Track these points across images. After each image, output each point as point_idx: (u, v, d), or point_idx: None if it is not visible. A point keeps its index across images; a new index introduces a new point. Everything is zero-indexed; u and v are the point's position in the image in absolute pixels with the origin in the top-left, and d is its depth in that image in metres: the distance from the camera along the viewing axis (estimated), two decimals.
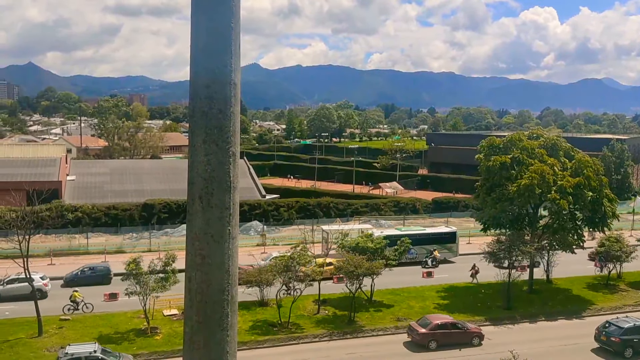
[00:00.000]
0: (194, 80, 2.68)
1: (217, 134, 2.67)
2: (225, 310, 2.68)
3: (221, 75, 2.65)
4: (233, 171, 2.72)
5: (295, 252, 33.26)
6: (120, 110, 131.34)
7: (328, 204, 62.74)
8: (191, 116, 2.71)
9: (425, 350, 29.56)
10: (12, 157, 64.12)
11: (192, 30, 2.65)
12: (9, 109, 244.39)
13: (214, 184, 2.67)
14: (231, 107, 2.69)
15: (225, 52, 2.64)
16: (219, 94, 2.66)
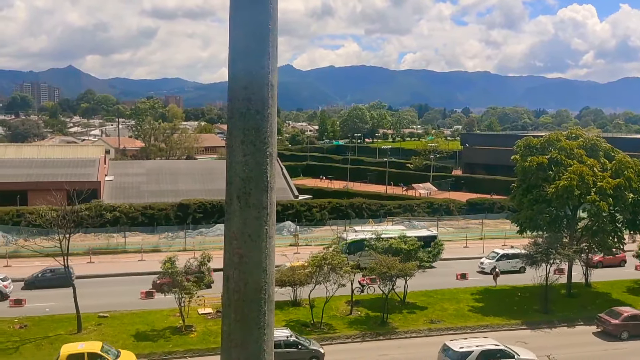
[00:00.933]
0: (231, 82, 2.72)
1: (254, 135, 2.70)
2: (263, 309, 2.71)
3: (258, 77, 2.68)
4: (270, 171, 2.75)
5: (328, 253, 33.30)
6: (156, 112, 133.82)
7: (360, 204, 62.56)
8: (229, 117, 2.75)
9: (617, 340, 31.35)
10: (53, 158, 66.05)
11: (230, 32, 2.69)
12: (50, 111, 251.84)
13: (252, 184, 2.71)
14: (268, 109, 2.72)
15: (263, 53, 2.67)
16: (256, 95, 2.69)
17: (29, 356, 27.11)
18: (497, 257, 44.79)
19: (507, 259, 44.46)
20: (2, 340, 28.53)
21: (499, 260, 44.36)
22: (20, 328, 30.06)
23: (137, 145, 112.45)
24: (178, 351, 28.37)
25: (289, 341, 27.35)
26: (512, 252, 45.09)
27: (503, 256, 44.82)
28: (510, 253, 45.00)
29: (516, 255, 44.04)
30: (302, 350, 27.41)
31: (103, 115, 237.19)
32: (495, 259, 44.55)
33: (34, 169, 61.79)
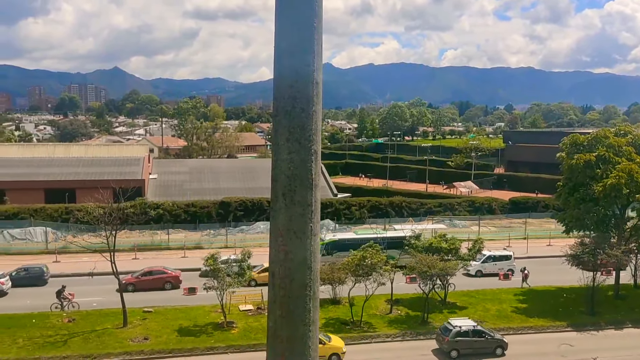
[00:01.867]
0: (277, 80, 2.75)
1: (299, 133, 2.72)
2: (308, 305, 2.73)
3: (304, 75, 2.70)
4: (315, 169, 2.76)
5: (367, 252, 33.19)
6: (198, 112, 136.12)
7: (400, 203, 62.10)
8: (275, 115, 2.77)
9: None
10: (100, 157, 68.04)
11: (276, 31, 2.72)
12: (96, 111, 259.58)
13: (297, 182, 2.73)
14: (313, 106, 2.74)
15: (308, 51, 2.69)
16: (301, 93, 2.70)
17: (77, 349, 28.01)
18: (483, 258, 41.87)
19: (493, 261, 42.47)
20: (51, 333, 29.57)
21: (485, 262, 42.14)
22: (69, 322, 31.09)
23: (180, 144, 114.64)
24: (220, 346, 28.81)
25: (476, 330, 29.15)
26: (501, 253, 43.17)
27: (489, 258, 42.27)
28: (497, 255, 42.97)
29: (505, 257, 42.69)
30: (488, 340, 29.17)
31: (147, 115, 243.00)
32: (481, 261, 41.73)
33: (81, 168, 63.82)
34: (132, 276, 37.74)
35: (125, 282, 36.27)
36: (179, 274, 38.81)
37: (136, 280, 37.53)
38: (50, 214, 53.41)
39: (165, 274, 38.44)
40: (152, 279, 37.83)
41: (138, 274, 38.26)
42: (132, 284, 36.99)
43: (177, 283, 38.20)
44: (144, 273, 38.23)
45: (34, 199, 56.57)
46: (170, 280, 38.22)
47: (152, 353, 28.04)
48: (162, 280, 38.09)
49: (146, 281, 37.62)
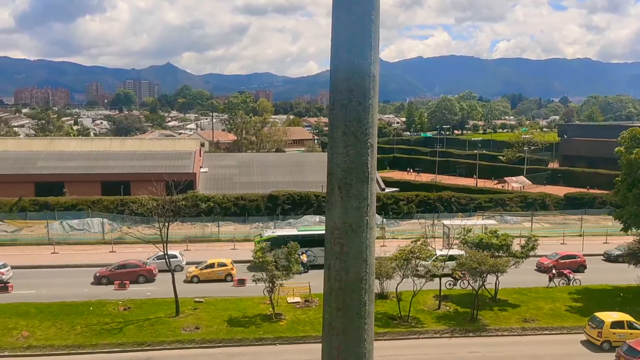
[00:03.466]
0: (334, 73, 2.75)
1: (356, 126, 2.72)
2: (363, 298, 2.74)
3: (361, 68, 2.69)
4: (371, 162, 2.76)
5: (416, 247, 32.90)
6: (247, 106, 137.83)
7: (449, 198, 61.17)
8: (331, 109, 2.78)
9: None
10: (154, 151, 70.03)
11: (333, 24, 2.72)
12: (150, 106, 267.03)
13: (353, 175, 2.73)
14: (370, 99, 2.73)
15: (365, 44, 2.68)
16: (358, 86, 2.70)
17: (132, 337, 29.01)
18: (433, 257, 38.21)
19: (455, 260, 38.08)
20: (108, 321, 30.73)
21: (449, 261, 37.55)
22: (124, 310, 32.22)
23: (230, 138, 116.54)
24: (268, 338, 29.22)
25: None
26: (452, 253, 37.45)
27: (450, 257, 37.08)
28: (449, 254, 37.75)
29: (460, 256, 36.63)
30: None
31: (198, 110, 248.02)
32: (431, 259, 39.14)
33: (136, 161, 65.87)
34: (106, 269, 38.52)
35: (99, 275, 37.62)
36: (152, 268, 38.84)
37: (110, 273, 38.09)
38: (106, 205, 55.42)
39: (138, 268, 38.64)
40: (126, 272, 38.11)
41: (112, 267, 38.73)
42: (106, 277, 37.72)
43: (151, 277, 38.43)
44: (118, 266, 38.61)
45: (92, 191, 58.83)
46: (144, 274, 38.45)
47: (203, 342, 28.74)
48: (135, 273, 38.33)
49: (120, 274, 37.94)
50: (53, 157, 66.37)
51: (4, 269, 38.11)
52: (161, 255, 38.76)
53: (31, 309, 31.61)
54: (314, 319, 31.30)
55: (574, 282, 38.00)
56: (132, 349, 28.03)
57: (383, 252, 41.26)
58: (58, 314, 31.08)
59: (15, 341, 28.17)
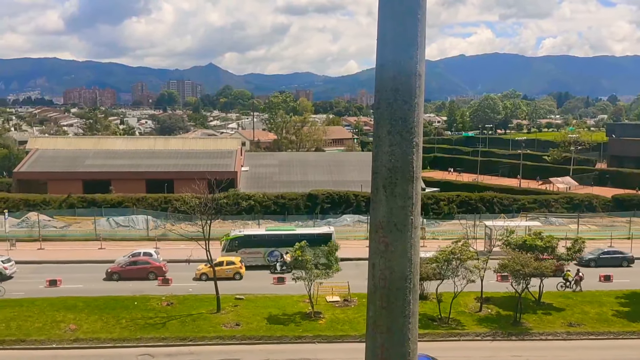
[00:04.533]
0: (379, 72, 2.76)
1: (401, 125, 2.72)
2: (408, 297, 2.74)
3: (407, 67, 2.69)
4: (416, 162, 2.75)
5: (457, 247, 32.44)
6: (288, 106, 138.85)
7: (491, 198, 60.03)
8: (376, 108, 2.79)
9: None
10: (196, 150, 71.34)
11: (379, 23, 2.73)
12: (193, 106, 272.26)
13: (398, 174, 2.73)
14: (416, 98, 2.72)
15: (412, 43, 2.67)
16: (404, 85, 2.70)
17: (175, 331, 29.63)
18: None
19: None
20: (152, 315, 31.47)
21: None
22: (167, 305, 32.93)
23: (270, 137, 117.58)
24: (308, 336, 29.35)
25: None
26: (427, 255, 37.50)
27: None
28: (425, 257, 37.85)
29: None
30: None
31: (239, 110, 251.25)
32: None
33: (179, 160, 67.25)
34: (117, 265, 39.16)
35: (110, 271, 38.13)
36: (162, 265, 39.29)
37: (121, 269, 38.68)
38: (150, 203, 56.76)
39: (149, 265, 39.05)
40: (137, 269, 38.61)
41: (123, 263, 39.34)
42: (117, 273, 38.29)
43: (161, 273, 38.79)
44: (129, 263, 39.14)
45: (137, 188, 60.36)
46: (154, 271, 38.75)
47: (243, 339, 29.10)
48: (145, 270, 38.71)
49: (131, 270, 38.48)
50: (100, 155, 68.41)
51: (7, 263, 39.25)
52: (137, 252, 40.68)
53: (79, 303, 32.67)
54: (353, 318, 31.28)
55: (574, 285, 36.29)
56: (175, 344, 28.62)
57: (423, 253, 40.87)
58: (104, 308, 32.03)
59: (63, 334, 29.17)
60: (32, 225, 51.77)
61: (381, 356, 2.73)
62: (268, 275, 39.40)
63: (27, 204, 56.48)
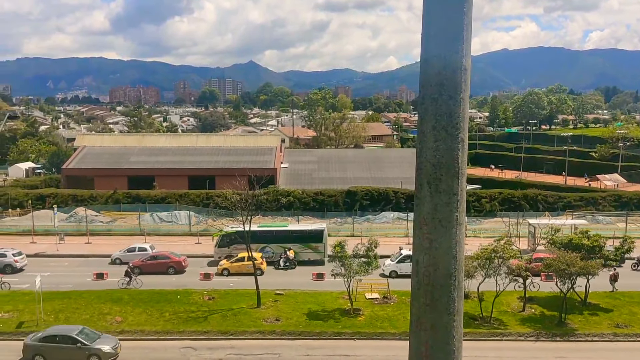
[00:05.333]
0: (424, 67, 2.73)
1: (446, 121, 2.68)
2: (452, 295, 2.70)
3: (452, 61, 2.65)
4: (461, 157, 2.72)
5: (499, 246, 31.84)
6: (327, 102, 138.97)
7: (535, 196, 58.67)
8: (421, 103, 2.76)
9: None
10: (237, 147, 72.25)
11: (424, 16, 2.69)
12: (233, 103, 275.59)
13: (443, 170, 2.70)
14: (461, 93, 2.68)
15: (457, 38, 2.63)
16: (449, 80, 2.66)
17: (216, 325, 30.13)
18: (399, 257, 38.45)
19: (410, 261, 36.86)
20: (194, 309, 32.09)
21: (401, 262, 37.76)
22: (209, 299, 33.51)
23: (309, 134, 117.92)
24: (347, 332, 29.38)
25: None
26: None
27: (406, 257, 37.52)
28: None
29: None
30: None
31: (279, 107, 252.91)
32: (396, 260, 38.31)
33: (220, 157, 68.28)
34: (139, 260, 40.12)
35: (132, 265, 39.00)
36: (182, 260, 40.19)
37: (142, 263, 39.56)
38: (193, 199, 57.84)
39: (168, 259, 40.01)
40: (157, 263, 39.61)
41: (145, 258, 40.27)
42: (138, 267, 39.14)
43: (180, 268, 39.63)
44: (150, 257, 40.22)
45: (179, 184, 61.65)
46: (173, 265, 39.68)
47: (283, 334, 29.35)
48: (165, 264, 39.72)
49: (151, 265, 39.40)
50: (144, 152, 70.09)
51: (18, 256, 40.85)
52: (132, 247, 42.00)
53: (124, 296, 33.61)
54: (392, 315, 31.13)
55: None
56: (216, 337, 29.11)
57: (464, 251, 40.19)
58: (148, 301, 32.84)
59: (109, 325, 30.06)
60: (79, 220, 53.53)
61: (425, 353, 2.70)
62: (303, 271, 39.53)
63: (75, 199, 58.43)
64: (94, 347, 26.22)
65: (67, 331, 27.05)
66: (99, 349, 26.25)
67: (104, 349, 26.34)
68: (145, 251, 42.06)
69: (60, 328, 27.84)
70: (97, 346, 26.35)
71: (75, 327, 27.60)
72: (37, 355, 26.33)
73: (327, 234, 43.44)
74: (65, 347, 26.15)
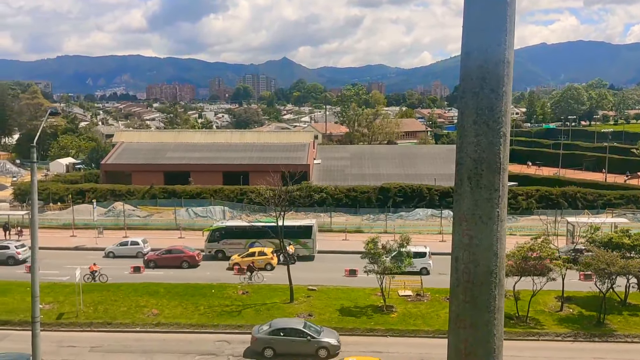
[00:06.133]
0: (465, 60, 2.68)
1: (488, 115, 2.63)
2: (493, 292, 2.65)
3: (494, 54, 2.59)
4: (503, 152, 2.66)
5: (536, 244, 31.20)
6: (360, 99, 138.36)
7: (574, 193, 57.30)
8: (461, 97, 2.71)
9: None
10: (270, 143, 72.70)
11: (466, 7, 2.64)
12: (267, 100, 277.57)
13: (483, 165, 2.65)
14: (503, 87, 2.63)
15: (500, 29, 2.57)
16: (491, 73, 2.61)
17: (250, 319, 30.39)
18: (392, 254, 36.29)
19: None
20: (228, 303, 32.48)
21: None
22: (243, 294, 33.85)
23: (342, 130, 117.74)
24: (379, 329, 29.27)
25: None
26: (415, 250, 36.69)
27: None
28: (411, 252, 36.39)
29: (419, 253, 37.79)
30: None
31: (312, 103, 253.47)
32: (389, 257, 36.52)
33: (254, 153, 68.82)
34: (154, 254, 41.19)
35: (147, 259, 40.31)
36: (195, 254, 41.04)
37: (157, 257, 40.74)
38: (227, 194, 58.52)
39: (182, 254, 40.99)
40: (171, 257, 40.72)
41: (160, 252, 41.31)
42: (153, 261, 40.34)
43: (194, 262, 40.50)
44: (165, 251, 41.22)
45: (214, 180, 62.40)
46: (187, 260, 40.64)
47: None
48: (179, 258, 40.73)
49: (166, 258, 40.52)
50: (180, 148, 71.19)
51: (21, 249, 42.12)
52: (124, 241, 43.23)
53: (160, 289, 34.24)
54: (425, 313, 30.88)
55: None
56: (250, 331, 29.37)
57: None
58: (184, 295, 33.39)
59: (146, 318, 30.68)
60: (117, 215, 54.79)
61: (464, 352, 2.66)
62: (336, 267, 39.55)
63: (114, 194, 59.80)
64: (323, 340, 26.52)
65: (294, 324, 27.42)
66: (327, 342, 26.52)
67: (332, 342, 26.63)
68: (138, 245, 43.42)
69: (285, 321, 28.11)
70: (325, 339, 26.64)
71: (299, 321, 28.01)
72: (266, 348, 26.49)
73: (316, 229, 43.97)
74: (296, 340, 26.40)
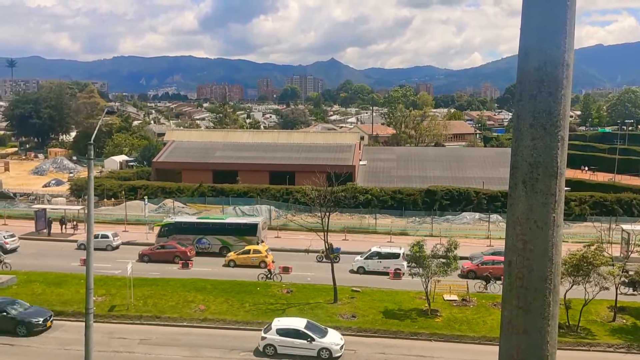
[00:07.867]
0: (522, 62, 2.63)
1: (545, 118, 2.59)
2: (547, 299, 2.61)
3: (553, 57, 2.55)
4: (560, 156, 2.61)
5: (589, 252, 30.13)
6: (407, 100, 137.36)
7: (630, 200, 55.17)
8: (518, 100, 2.67)
9: None
10: (316, 143, 73.01)
11: (524, 8, 2.60)
12: (314, 100, 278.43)
13: (540, 169, 2.60)
14: (562, 90, 2.58)
15: (559, 31, 2.52)
16: (549, 76, 2.56)
17: None
18: (367, 254, 39.38)
19: (378, 258, 38.12)
20: (272, 301, 32.80)
21: (369, 259, 39.03)
22: (287, 293, 34.12)
23: (389, 132, 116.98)
24: (423, 333, 28.94)
25: None
26: (388, 250, 38.85)
27: (374, 254, 39.05)
28: (384, 252, 38.56)
29: (393, 254, 38.75)
30: None
31: (359, 104, 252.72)
32: (364, 257, 39.32)
33: (300, 153, 69.27)
34: (148, 248, 42.95)
35: (142, 253, 41.69)
36: (187, 250, 42.11)
37: (150, 252, 42.25)
38: (273, 193, 59.14)
39: (175, 249, 42.15)
40: (164, 252, 42.02)
41: (153, 247, 43.07)
42: (147, 255, 41.77)
43: (186, 257, 41.44)
44: (159, 247, 42.69)
45: (261, 179, 63.18)
46: (179, 255, 41.72)
47: (359, 330, 29.37)
48: (172, 254, 41.88)
49: (159, 253, 41.95)
50: (229, 147, 72.42)
51: (10, 238, 43.89)
52: (97, 234, 43.51)
53: (207, 285, 34.92)
54: (471, 319, 30.34)
55: None
56: None
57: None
58: (230, 292, 33.93)
59: (193, 313, 31.36)
60: (168, 211, 56.19)
61: (517, 357, 2.62)
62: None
63: (164, 191, 61.41)
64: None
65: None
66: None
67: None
68: (107, 238, 45.18)
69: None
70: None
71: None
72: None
73: (261, 227, 44.83)
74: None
